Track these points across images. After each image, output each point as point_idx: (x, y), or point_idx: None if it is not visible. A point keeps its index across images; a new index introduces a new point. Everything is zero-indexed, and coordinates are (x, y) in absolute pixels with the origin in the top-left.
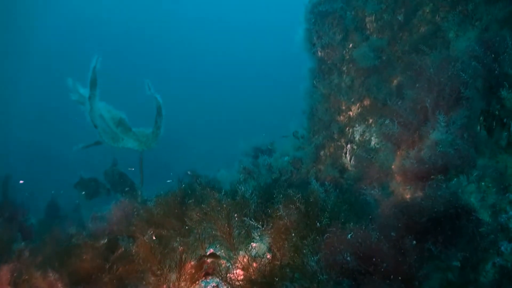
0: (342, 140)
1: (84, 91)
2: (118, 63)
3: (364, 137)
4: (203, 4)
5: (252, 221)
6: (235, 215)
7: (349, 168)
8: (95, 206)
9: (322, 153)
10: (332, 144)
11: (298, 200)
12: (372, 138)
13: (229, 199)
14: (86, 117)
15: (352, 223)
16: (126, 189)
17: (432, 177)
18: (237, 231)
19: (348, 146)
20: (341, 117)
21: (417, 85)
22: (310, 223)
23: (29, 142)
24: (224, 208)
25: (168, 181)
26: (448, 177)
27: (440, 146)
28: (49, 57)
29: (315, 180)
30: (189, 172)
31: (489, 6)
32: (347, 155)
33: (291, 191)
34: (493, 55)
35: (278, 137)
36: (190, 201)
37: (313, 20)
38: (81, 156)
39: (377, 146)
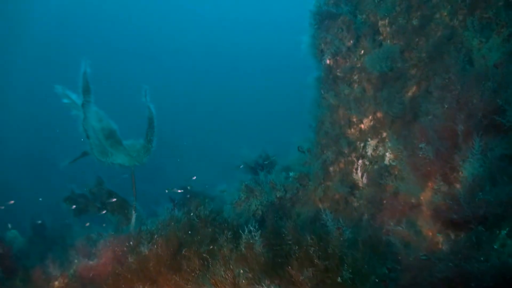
0: (353, 155)
1: (77, 97)
2: (113, 64)
3: (377, 152)
4: (204, 5)
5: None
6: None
7: (361, 185)
8: (86, 225)
9: (331, 169)
10: (342, 160)
11: (315, 254)
12: (387, 154)
13: (233, 249)
14: (78, 127)
15: (376, 278)
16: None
17: (470, 226)
18: None
19: (360, 161)
20: (352, 130)
21: (446, 106)
22: (330, 280)
23: (23, 149)
24: (229, 272)
25: (167, 190)
26: (488, 228)
27: (479, 189)
28: (44, 62)
29: (328, 212)
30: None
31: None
32: (359, 171)
33: (308, 238)
34: None
35: (280, 150)
36: (184, 251)
37: (319, 26)
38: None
39: (392, 163)
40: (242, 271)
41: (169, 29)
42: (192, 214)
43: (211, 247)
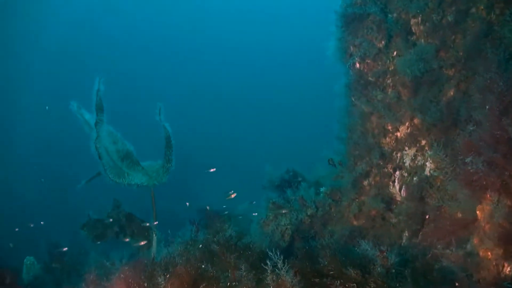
0: (389, 167)
1: (90, 117)
2: (131, 82)
3: (416, 162)
4: (222, 21)
5: None
6: None
7: (399, 199)
8: (104, 250)
9: (365, 182)
10: (377, 172)
11: None
12: (427, 163)
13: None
14: (91, 146)
15: None
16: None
17: None
18: None
19: (397, 173)
20: (387, 139)
21: (487, 107)
22: None
23: (41, 169)
24: None
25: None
26: None
27: None
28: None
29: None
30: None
31: None
32: (396, 184)
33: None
34: None
35: (306, 165)
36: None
37: (347, 27)
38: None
39: (434, 173)
40: None
41: (188, 44)
42: (210, 239)
43: (229, 283)
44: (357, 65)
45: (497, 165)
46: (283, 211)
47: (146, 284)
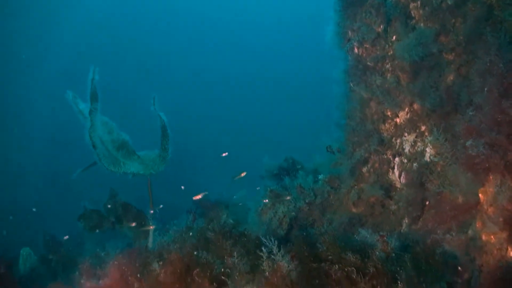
0: (389, 153)
1: (85, 106)
2: (127, 75)
3: (416, 148)
4: (220, 11)
5: None
6: None
7: (399, 186)
8: (100, 240)
9: (364, 169)
10: (377, 158)
11: (360, 278)
12: (427, 149)
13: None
14: (85, 135)
15: None
16: (133, 223)
17: None
18: None
19: (396, 159)
20: (386, 125)
21: (486, 89)
22: None
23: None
24: None
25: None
26: None
27: None
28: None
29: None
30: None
31: None
32: (395, 170)
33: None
34: None
35: (304, 154)
36: (195, 273)
37: (345, 11)
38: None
39: (434, 159)
40: None
41: (186, 32)
42: (205, 227)
43: (222, 270)
44: (356, 50)
45: (500, 146)
46: (286, 198)
47: (140, 271)
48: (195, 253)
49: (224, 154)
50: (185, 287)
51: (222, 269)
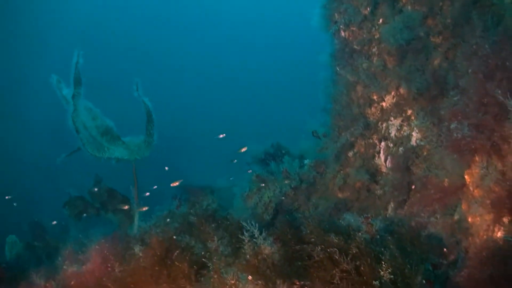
0: (374, 137)
1: (68, 92)
2: (113, 62)
3: (402, 132)
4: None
5: None
6: None
7: (384, 170)
8: (85, 227)
9: (350, 153)
10: (362, 143)
11: (342, 258)
12: (413, 133)
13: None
14: (68, 120)
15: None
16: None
17: None
18: None
19: (382, 144)
20: (372, 109)
21: (470, 70)
22: (364, 285)
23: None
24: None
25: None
26: None
27: None
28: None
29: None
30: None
31: None
32: (381, 155)
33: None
34: None
35: (291, 140)
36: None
37: None
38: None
39: (421, 143)
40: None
41: (169, 25)
42: (187, 212)
43: (202, 253)
44: (342, 33)
45: (486, 127)
46: (267, 184)
47: (121, 255)
48: (174, 237)
49: (221, 136)
50: (165, 270)
51: (203, 253)
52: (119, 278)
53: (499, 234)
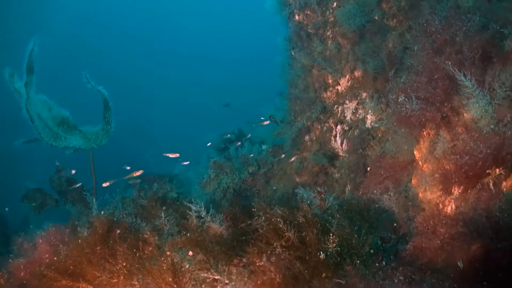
0: (331, 121)
1: (21, 85)
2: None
3: (357, 115)
4: None
5: (217, 273)
6: (187, 266)
7: (341, 154)
8: (44, 219)
9: (306, 137)
10: (319, 127)
11: (286, 228)
12: (368, 116)
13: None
14: (22, 110)
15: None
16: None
17: (488, 172)
18: None
19: (338, 127)
20: (328, 93)
21: (416, 46)
22: (308, 257)
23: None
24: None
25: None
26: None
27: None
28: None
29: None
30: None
31: None
32: (337, 138)
33: (278, 210)
34: None
35: (248, 123)
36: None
37: None
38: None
39: (375, 125)
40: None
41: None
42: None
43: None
44: (296, 16)
45: (436, 99)
46: (225, 169)
47: (68, 238)
48: (114, 219)
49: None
50: (106, 248)
51: (147, 230)
52: (58, 262)
53: (448, 209)
